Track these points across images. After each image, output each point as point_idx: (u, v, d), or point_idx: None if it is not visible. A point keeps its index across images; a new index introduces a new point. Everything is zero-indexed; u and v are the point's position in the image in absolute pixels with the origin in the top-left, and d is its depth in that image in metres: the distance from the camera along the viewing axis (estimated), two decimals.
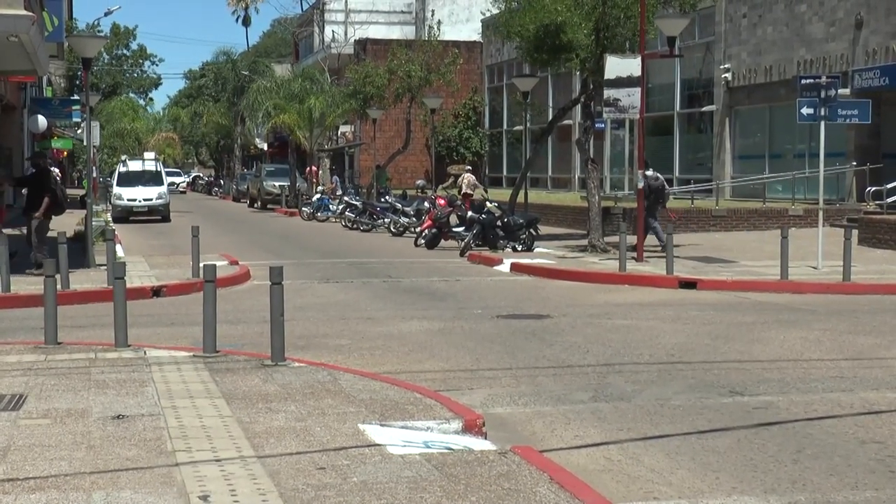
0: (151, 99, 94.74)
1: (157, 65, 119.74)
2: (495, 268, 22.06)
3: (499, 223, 25.53)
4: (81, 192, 30.29)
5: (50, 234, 18.81)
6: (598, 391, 9.84)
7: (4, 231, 18.46)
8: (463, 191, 34.81)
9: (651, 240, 22.98)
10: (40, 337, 11.58)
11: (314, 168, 52.27)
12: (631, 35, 24.25)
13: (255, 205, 53.99)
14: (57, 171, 19.28)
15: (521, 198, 29.65)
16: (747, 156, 36.22)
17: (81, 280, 17.80)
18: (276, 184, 52.31)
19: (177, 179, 79.46)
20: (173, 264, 20.95)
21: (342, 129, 61.20)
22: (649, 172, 24.12)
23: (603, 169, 40.00)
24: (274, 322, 10.32)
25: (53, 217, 19.31)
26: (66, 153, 63.65)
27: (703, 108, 38.35)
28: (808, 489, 6.90)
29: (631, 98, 22.06)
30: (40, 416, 8.16)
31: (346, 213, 36.17)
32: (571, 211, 33.38)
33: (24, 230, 19.39)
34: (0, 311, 15.14)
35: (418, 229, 28.78)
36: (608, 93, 22.38)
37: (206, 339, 10.78)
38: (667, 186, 25.37)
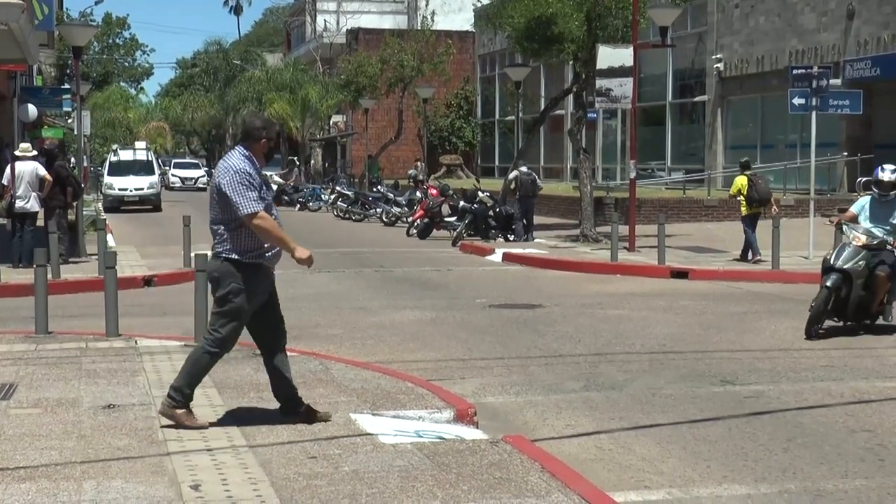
0: (143, 88, 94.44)
1: (148, 55, 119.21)
2: (487, 258, 22.07)
3: (491, 213, 25.53)
4: None
5: (39, 223, 18.77)
6: (589, 381, 9.85)
7: (37, 226, 18.56)
8: (419, 178, 35.40)
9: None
10: (31, 326, 11.56)
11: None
12: (623, 25, 24.24)
13: None
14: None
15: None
16: (739, 146, 36.19)
17: (72, 270, 17.77)
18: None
19: (193, 173, 65.03)
20: (164, 254, 20.92)
21: (334, 118, 61.12)
22: (523, 168, 25.11)
23: (595, 159, 40.02)
24: None
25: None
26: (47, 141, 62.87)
27: (696, 99, 38.35)
28: (799, 478, 6.92)
29: (623, 88, 22.07)
30: (31, 406, 8.14)
31: (338, 202, 36.16)
32: (563, 201, 33.39)
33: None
34: None
35: (410, 219, 28.78)
36: (600, 83, 22.37)
37: (198, 328, 10.75)
38: (538, 182, 26.82)
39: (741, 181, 19.63)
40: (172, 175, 62.36)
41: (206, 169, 68.27)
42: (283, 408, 7.66)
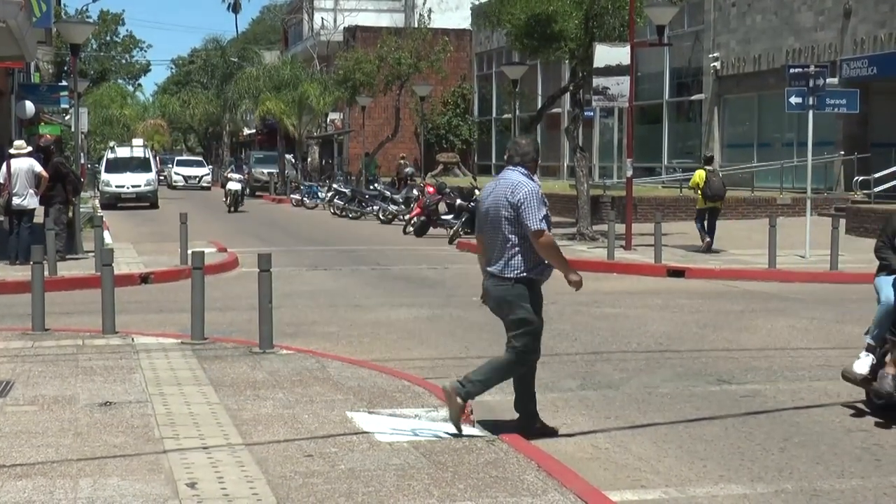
0: (140, 85, 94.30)
1: (145, 51, 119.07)
2: None
3: None
4: None
5: (37, 220, 18.78)
6: (585, 379, 9.86)
7: (35, 223, 18.58)
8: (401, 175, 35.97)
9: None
10: (28, 323, 11.55)
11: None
12: (620, 24, 24.23)
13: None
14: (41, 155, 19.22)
15: None
16: (736, 144, 36.26)
17: (69, 267, 17.76)
18: (265, 171, 52.20)
19: (198, 171, 61.53)
20: (161, 251, 20.89)
21: (331, 116, 61.04)
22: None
23: (592, 157, 40.01)
24: (262, 309, 10.31)
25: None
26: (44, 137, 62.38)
27: (692, 97, 38.36)
28: (795, 477, 6.92)
29: (620, 86, 22.05)
30: (27, 403, 8.14)
31: (335, 200, 36.14)
32: (560, 199, 33.32)
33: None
34: None
35: (407, 217, 28.77)
36: (597, 81, 22.36)
37: (194, 325, 10.77)
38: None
39: (699, 175, 20.99)
40: (176, 173, 61.62)
41: (211, 167, 66.80)
42: (519, 421, 7.75)
